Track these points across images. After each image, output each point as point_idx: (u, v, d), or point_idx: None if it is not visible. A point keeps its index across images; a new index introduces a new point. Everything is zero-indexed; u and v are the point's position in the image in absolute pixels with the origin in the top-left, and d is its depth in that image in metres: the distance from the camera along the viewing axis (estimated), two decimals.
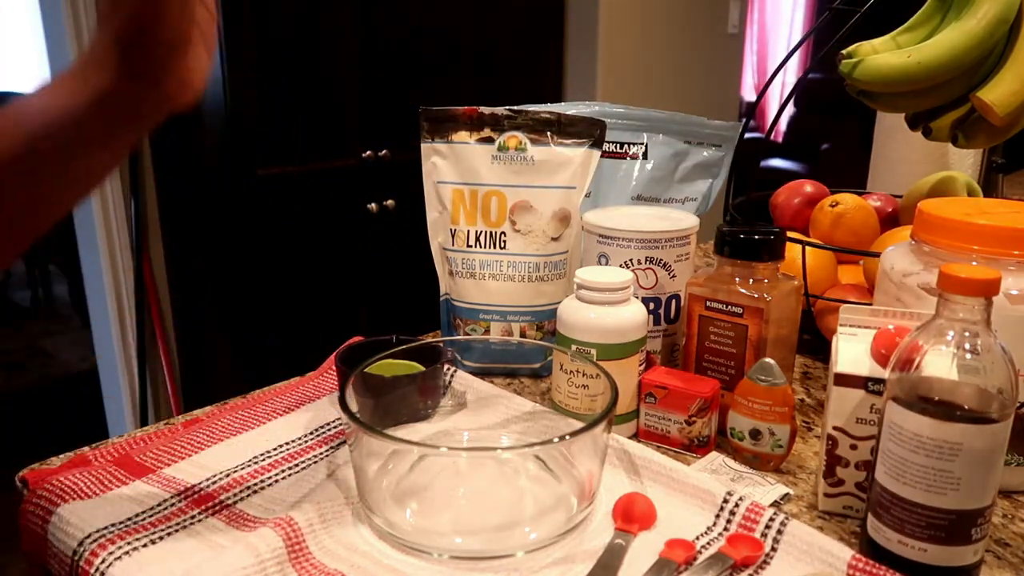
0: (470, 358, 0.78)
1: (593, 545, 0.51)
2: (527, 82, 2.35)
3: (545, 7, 2.37)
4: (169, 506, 0.54)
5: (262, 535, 0.48)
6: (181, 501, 0.55)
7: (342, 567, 0.48)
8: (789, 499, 0.58)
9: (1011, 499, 0.57)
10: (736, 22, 2.96)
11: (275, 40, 1.75)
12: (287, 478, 0.58)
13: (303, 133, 1.84)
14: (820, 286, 0.80)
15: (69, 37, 1.82)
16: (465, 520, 0.54)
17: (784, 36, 5.12)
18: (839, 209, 0.84)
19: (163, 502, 0.55)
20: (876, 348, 0.52)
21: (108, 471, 0.58)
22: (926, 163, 1.15)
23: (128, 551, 0.49)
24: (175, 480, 0.58)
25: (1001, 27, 0.73)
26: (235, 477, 0.58)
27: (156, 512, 0.54)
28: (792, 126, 4.83)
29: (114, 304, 2.01)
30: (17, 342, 3.22)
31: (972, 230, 0.55)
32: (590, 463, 0.53)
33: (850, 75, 0.77)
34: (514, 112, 0.77)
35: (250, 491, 0.56)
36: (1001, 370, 0.44)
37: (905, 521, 0.46)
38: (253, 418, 0.67)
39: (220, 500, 0.55)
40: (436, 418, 0.67)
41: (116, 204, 1.96)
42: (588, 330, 0.63)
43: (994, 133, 0.77)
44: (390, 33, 1.94)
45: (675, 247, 0.70)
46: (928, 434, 0.45)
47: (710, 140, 0.93)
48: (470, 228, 0.78)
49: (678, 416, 0.63)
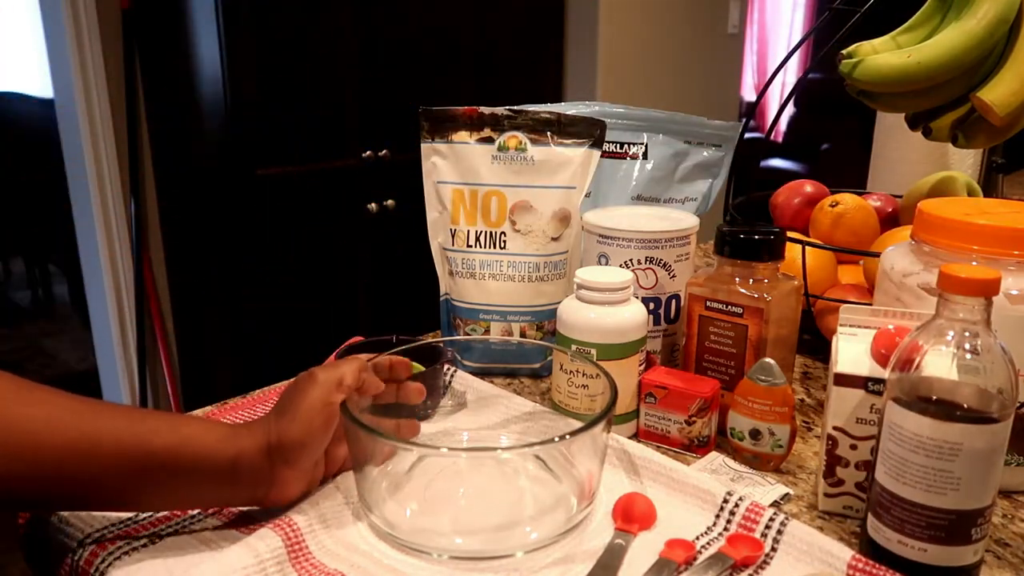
0: (470, 358, 0.78)
1: (593, 545, 0.51)
2: (527, 82, 2.35)
3: (545, 7, 2.37)
4: None
5: (262, 535, 0.48)
6: None
7: (342, 567, 0.48)
8: (789, 499, 0.58)
9: (1011, 499, 0.57)
10: (736, 22, 2.96)
11: (275, 40, 1.75)
12: None
13: (303, 133, 1.84)
14: (820, 286, 0.80)
15: (69, 37, 1.82)
16: (465, 520, 0.54)
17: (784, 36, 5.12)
18: (839, 209, 0.84)
19: None
20: (876, 348, 0.52)
21: None
22: (926, 163, 1.15)
23: (128, 551, 0.49)
24: None
25: (1001, 27, 0.73)
26: None
27: (156, 512, 0.53)
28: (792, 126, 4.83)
29: (114, 304, 2.01)
30: (17, 342, 3.22)
31: (972, 230, 0.55)
32: (590, 463, 0.53)
33: (850, 75, 0.77)
34: (514, 112, 0.77)
35: None
36: (1001, 370, 0.44)
37: (905, 521, 0.46)
38: (253, 418, 0.67)
39: None
40: (436, 418, 0.67)
41: (116, 204, 1.96)
42: (588, 330, 0.63)
43: (994, 133, 0.77)
44: (390, 33, 1.94)
45: (675, 247, 0.70)
46: (928, 434, 0.45)
47: (710, 140, 0.93)
48: (470, 228, 0.78)
49: (678, 416, 0.63)
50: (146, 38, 1.92)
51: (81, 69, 1.85)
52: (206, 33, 1.70)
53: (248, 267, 1.83)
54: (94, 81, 1.87)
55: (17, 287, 3.67)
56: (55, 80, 1.92)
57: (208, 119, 1.79)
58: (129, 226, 1.99)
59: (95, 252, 1.97)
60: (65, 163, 1.98)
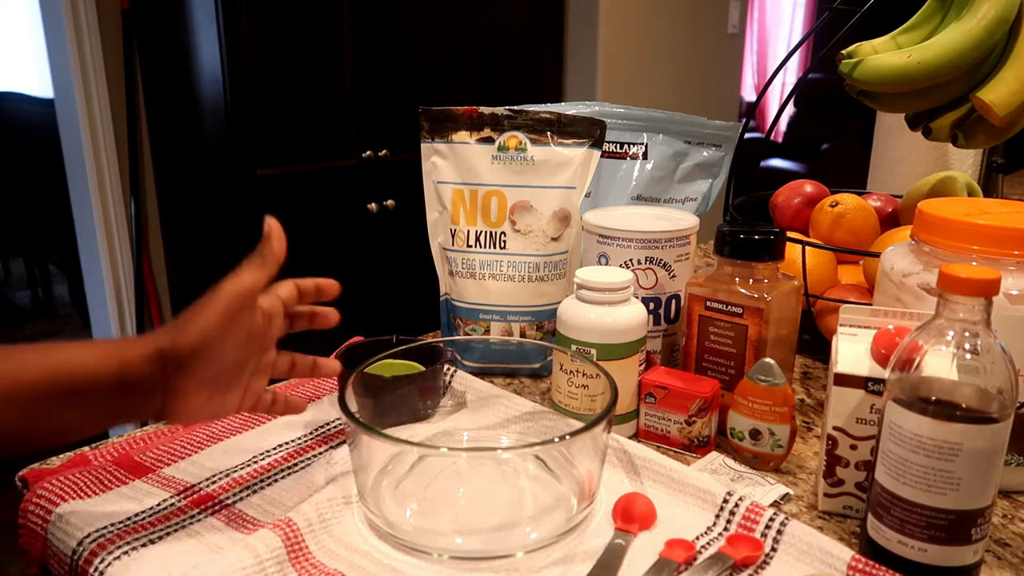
0: (470, 358, 0.78)
1: (593, 545, 0.51)
2: (527, 82, 2.35)
3: (545, 7, 2.37)
4: (168, 506, 0.54)
5: (261, 536, 0.48)
6: (181, 501, 0.55)
7: (342, 567, 0.48)
8: (789, 499, 0.58)
9: (1011, 499, 0.57)
10: (736, 22, 2.96)
11: (275, 40, 1.75)
12: (286, 477, 0.58)
13: (303, 133, 1.84)
14: (820, 286, 0.80)
15: (69, 37, 1.82)
16: (465, 520, 0.54)
17: (784, 36, 5.12)
18: (839, 209, 0.84)
19: (162, 502, 0.55)
20: (876, 348, 0.52)
21: (108, 471, 0.58)
22: (926, 163, 1.15)
23: (127, 551, 0.49)
24: (175, 480, 0.58)
25: (1001, 27, 0.73)
26: (234, 477, 0.58)
27: (155, 512, 0.54)
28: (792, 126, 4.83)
29: (114, 304, 2.01)
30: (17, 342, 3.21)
31: (972, 230, 0.55)
32: (590, 463, 0.53)
33: (850, 75, 0.77)
34: (514, 112, 0.77)
35: (249, 491, 0.56)
36: (1001, 370, 0.44)
37: (905, 521, 0.46)
38: (253, 418, 0.67)
39: (219, 500, 0.55)
40: (436, 418, 0.67)
41: (116, 204, 1.96)
42: (588, 330, 0.63)
43: (994, 133, 0.77)
44: (390, 33, 1.94)
45: (675, 247, 0.70)
46: (928, 434, 0.45)
47: (710, 140, 0.93)
48: (470, 228, 0.78)
49: (678, 416, 0.63)
50: (146, 38, 1.92)
51: (81, 69, 1.85)
52: (206, 33, 1.70)
53: None
54: (94, 81, 1.87)
55: (17, 287, 3.67)
56: (55, 80, 1.92)
57: (208, 119, 1.79)
58: (129, 226, 1.99)
59: (95, 252, 1.97)
60: (65, 163, 1.98)
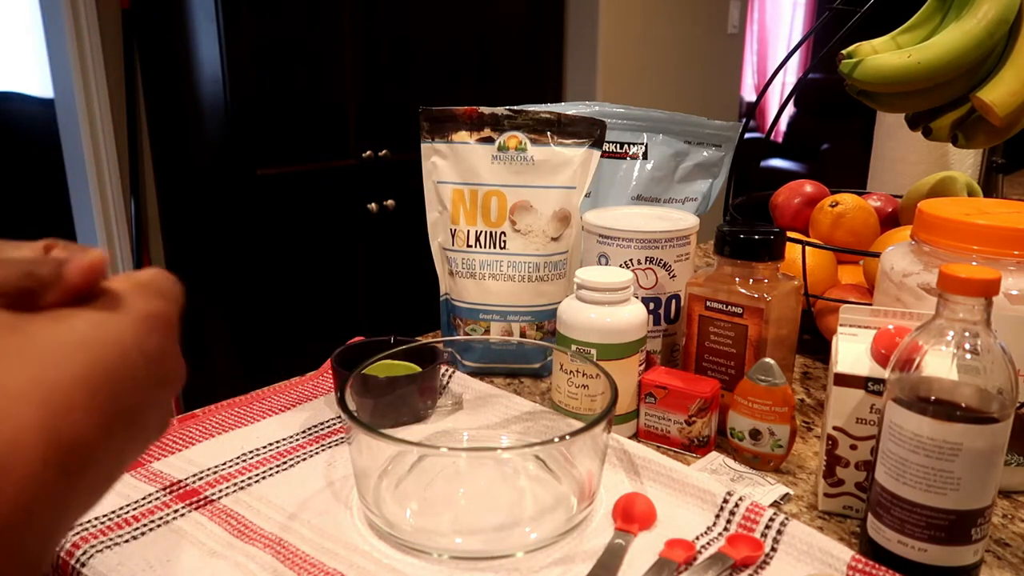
0: (470, 358, 0.78)
1: (593, 545, 0.51)
2: (527, 82, 2.35)
3: (545, 7, 2.37)
4: (154, 500, 0.54)
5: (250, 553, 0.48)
6: (166, 495, 0.55)
7: (342, 567, 0.48)
8: (789, 499, 0.58)
9: (1011, 499, 0.57)
10: (736, 22, 2.96)
11: (275, 40, 1.75)
12: (275, 475, 0.58)
13: (303, 133, 1.84)
14: (820, 286, 0.80)
15: (69, 37, 1.82)
16: (465, 520, 0.54)
17: (784, 36, 5.12)
18: (839, 209, 0.84)
19: (147, 496, 0.55)
20: (876, 348, 0.52)
21: None
22: (926, 163, 1.15)
23: (110, 545, 0.49)
24: (162, 475, 0.58)
25: (1001, 27, 0.73)
26: (222, 473, 0.58)
27: (140, 506, 0.54)
28: (792, 126, 4.83)
29: None
30: None
31: (972, 230, 0.55)
32: (590, 463, 0.53)
33: (850, 75, 0.77)
34: (514, 112, 0.77)
35: (236, 487, 0.56)
36: (1001, 370, 0.44)
37: (905, 521, 0.46)
38: (247, 416, 0.67)
39: (205, 496, 0.55)
40: (436, 418, 0.67)
41: (116, 204, 1.96)
42: (588, 330, 0.63)
43: (994, 133, 0.77)
44: (390, 33, 1.94)
45: (675, 247, 0.70)
46: (928, 434, 0.45)
47: (710, 140, 0.93)
48: (470, 228, 0.78)
49: (678, 416, 0.63)
50: (146, 38, 1.92)
51: (81, 69, 1.85)
52: (206, 33, 1.70)
53: (248, 267, 1.83)
54: (94, 81, 1.87)
55: None
56: (55, 80, 1.92)
57: (208, 119, 1.79)
58: (129, 226, 1.99)
59: None
60: (65, 163, 1.98)
